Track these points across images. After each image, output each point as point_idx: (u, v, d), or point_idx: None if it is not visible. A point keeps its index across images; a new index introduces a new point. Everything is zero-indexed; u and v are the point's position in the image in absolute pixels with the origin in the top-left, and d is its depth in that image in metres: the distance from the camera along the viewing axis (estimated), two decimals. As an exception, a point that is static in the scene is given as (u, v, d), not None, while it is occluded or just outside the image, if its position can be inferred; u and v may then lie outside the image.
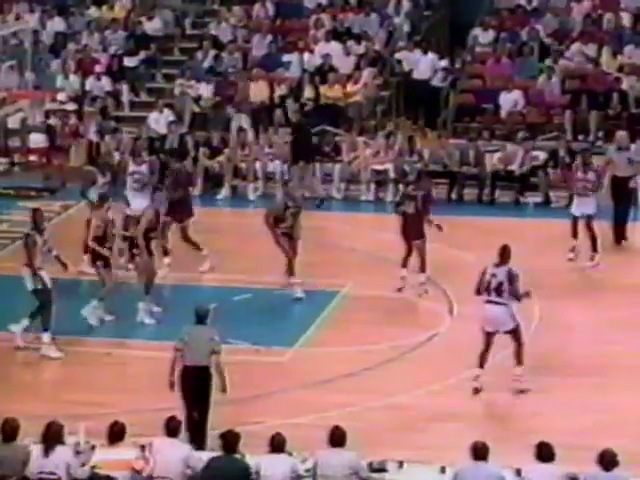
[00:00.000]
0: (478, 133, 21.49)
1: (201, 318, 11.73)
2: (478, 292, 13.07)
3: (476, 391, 12.86)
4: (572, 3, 24.46)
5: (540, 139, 21.21)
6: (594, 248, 16.79)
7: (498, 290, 12.84)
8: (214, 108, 22.63)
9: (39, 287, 14.05)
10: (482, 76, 23.29)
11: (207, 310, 11.82)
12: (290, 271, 15.61)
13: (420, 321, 15.06)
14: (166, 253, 16.21)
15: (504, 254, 13.05)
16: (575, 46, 23.11)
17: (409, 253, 15.91)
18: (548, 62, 22.75)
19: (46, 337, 13.96)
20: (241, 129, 21.48)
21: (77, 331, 14.42)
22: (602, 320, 14.95)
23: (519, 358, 12.96)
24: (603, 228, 17.35)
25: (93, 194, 16.48)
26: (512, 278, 12.88)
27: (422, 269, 15.88)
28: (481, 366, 12.97)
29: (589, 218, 16.78)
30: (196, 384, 11.44)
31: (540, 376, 13.30)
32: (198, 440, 11.22)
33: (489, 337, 12.96)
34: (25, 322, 14.11)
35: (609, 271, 16.56)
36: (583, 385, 13.17)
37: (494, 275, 12.91)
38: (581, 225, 16.89)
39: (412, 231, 15.80)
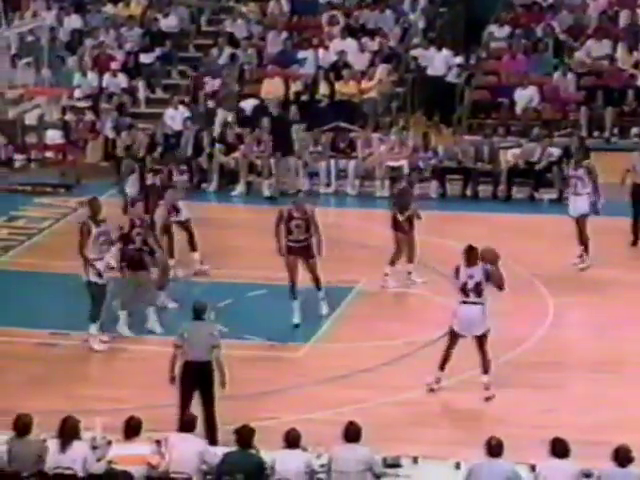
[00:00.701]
0: (493, 129, 21.45)
1: (199, 314, 11.82)
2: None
3: (431, 390, 12.76)
4: (588, 0, 24.40)
5: (555, 135, 21.15)
6: (585, 249, 16.42)
7: (477, 290, 12.64)
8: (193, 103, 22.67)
9: (92, 280, 13.99)
10: (497, 72, 23.24)
11: (205, 305, 11.90)
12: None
13: (434, 317, 15.00)
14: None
15: (472, 255, 12.77)
16: (590, 43, 23.06)
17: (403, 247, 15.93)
18: (566, 59, 22.69)
19: (93, 329, 13.98)
20: (225, 124, 21.38)
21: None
22: (617, 316, 14.90)
23: (485, 367, 12.73)
24: (620, 225, 17.29)
25: (130, 186, 16.61)
26: (489, 274, 12.69)
27: (391, 261, 15.85)
28: (442, 368, 12.81)
29: (582, 217, 16.39)
30: (198, 379, 11.50)
31: (554, 372, 13.30)
32: (210, 435, 11.26)
33: (456, 339, 12.80)
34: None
35: (624, 268, 16.49)
36: (597, 381, 13.15)
37: (471, 276, 12.66)
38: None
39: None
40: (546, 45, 23.31)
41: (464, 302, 12.72)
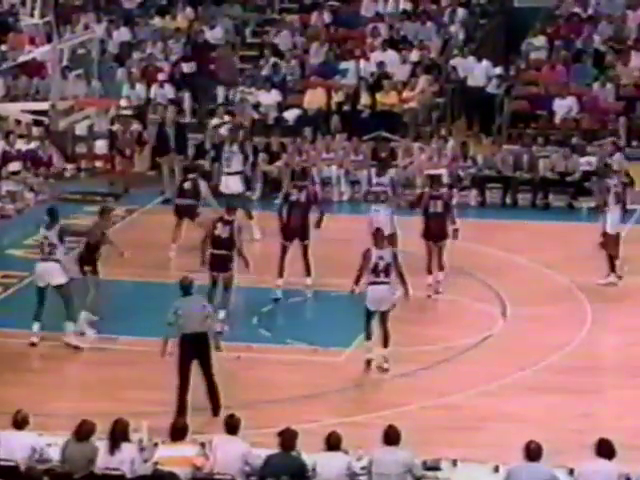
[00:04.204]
0: (532, 139, 21.35)
1: (187, 289, 12.33)
2: (359, 278, 13.51)
3: (368, 364, 13.42)
4: (627, 11, 24.23)
5: (595, 145, 21.02)
6: (611, 267, 16.03)
7: (386, 271, 13.38)
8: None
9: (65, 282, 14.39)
10: (537, 83, 23.15)
11: (191, 281, 12.43)
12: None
13: (474, 323, 15.00)
14: None
15: (381, 238, 13.65)
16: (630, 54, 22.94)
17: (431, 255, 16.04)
18: (609, 71, 22.54)
19: (71, 327, 14.31)
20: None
21: (139, 332, 14.52)
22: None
23: (386, 342, 13.43)
24: None
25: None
26: (396, 257, 13.59)
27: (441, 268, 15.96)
28: (369, 338, 13.45)
29: (603, 235, 16.10)
30: (196, 350, 12.05)
31: (593, 377, 13.23)
32: (213, 401, 11.94)
33: (372, 315, 13.43)
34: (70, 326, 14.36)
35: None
36: (635, 386, 13.04)
37: (381, 257, 13.44)
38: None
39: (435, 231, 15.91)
40: (586, 56, 23.18)
41: (374, 282, 13.39)
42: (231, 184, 18.22)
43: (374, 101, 22.76)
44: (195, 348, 12.10)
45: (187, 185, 17.50)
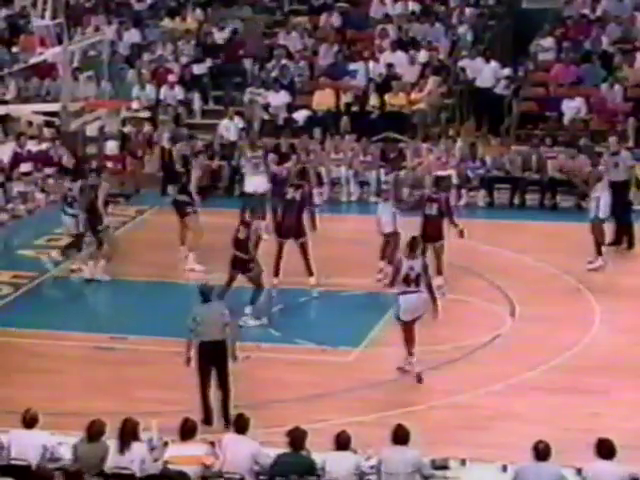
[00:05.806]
0: (541, 140, 21.31)
1: (207, 296, 12.19)
2: (392, 284, 13.38)
3: (419, 377, 13.20)
4: (636, 12, 24.19)
5: (603, 145, 20.98)
6: (598, 251, 16.43)
7: (417, 281, 13.16)
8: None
9: None
10: (545, 84, 23.13)
11: (211, 287, 12.33)
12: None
13: (483, 323, 14.99)
14: None
15: (416, 246, 13.40)
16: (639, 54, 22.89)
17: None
18: (617, 72, 22.50)
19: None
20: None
21: (149, 331, 14.55)
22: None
23: (412, 345, 13.28)
24: None
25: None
26: (426, 269, 13.35)
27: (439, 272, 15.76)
28: (411, 353, 13.27)
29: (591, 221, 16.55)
30: (214, 358, 11.91)
31: (601, 377, 13.19)
32: (224, 413, 11.78)
33: (409, 325, 13.25)
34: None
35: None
36: (644, 387, 13.03)
37: (412, 268, 13.19)
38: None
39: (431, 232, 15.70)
40: (594, 57, 23.14)
41: (405, 292, 13.17)
42: (258, 183, 18.49)
43: (383, 102, 22.76)
44: (213, 355, 11.95)
45: (184, 179, 17.79)
